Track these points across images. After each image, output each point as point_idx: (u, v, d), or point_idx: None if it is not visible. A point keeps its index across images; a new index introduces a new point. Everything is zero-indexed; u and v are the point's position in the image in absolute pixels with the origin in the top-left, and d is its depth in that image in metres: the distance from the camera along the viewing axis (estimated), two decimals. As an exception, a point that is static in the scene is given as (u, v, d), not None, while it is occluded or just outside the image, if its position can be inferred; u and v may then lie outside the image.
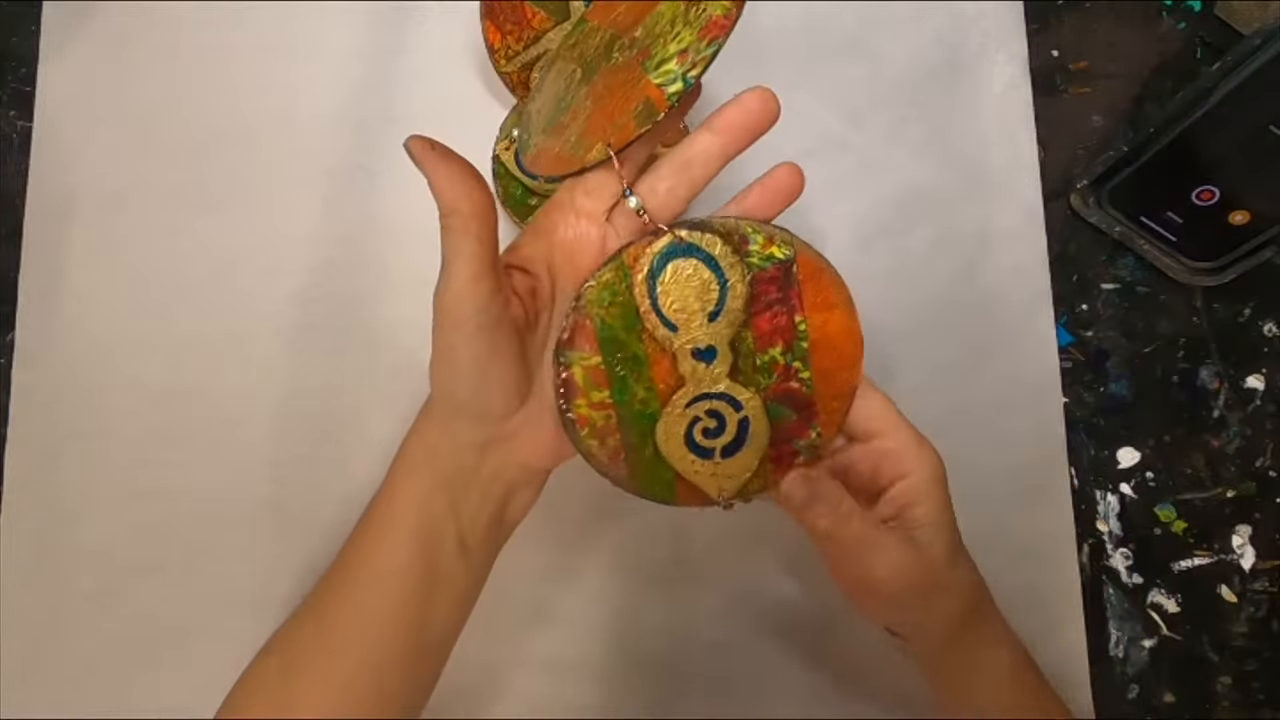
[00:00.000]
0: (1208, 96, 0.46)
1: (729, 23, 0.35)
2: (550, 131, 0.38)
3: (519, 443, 0.37)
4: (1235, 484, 0.52)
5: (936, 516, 0.38)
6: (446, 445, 0.37)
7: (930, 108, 0.54)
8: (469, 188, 0.34)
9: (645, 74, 0.36)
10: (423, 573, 0.36)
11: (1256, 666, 0.51)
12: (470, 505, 0.37)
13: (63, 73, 0.53)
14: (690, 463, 0.38)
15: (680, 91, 0.35)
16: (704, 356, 0.37)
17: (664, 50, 0.36)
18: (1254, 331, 0.53)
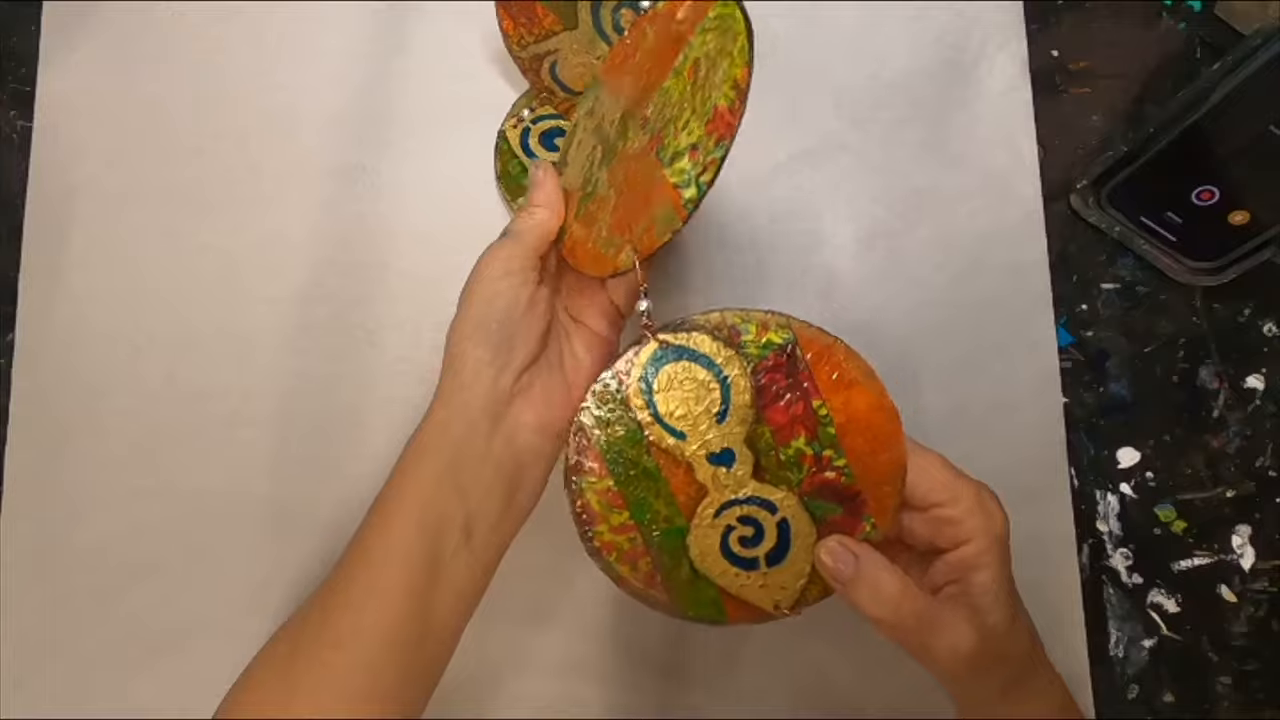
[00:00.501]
0: (1208, 96, 0.46)
1: (734, 119, 0.34)
2: (582, 219, 0.39)
3: (533, 397, 0.38)
4: (1235, 484, 0.52)
5: (999, 582, 0.36)
6: (458, 416, 0.37)
7: (930, 108, 0.54)
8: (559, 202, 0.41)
9: (661, 166, 0.36)
10: (427, 559, 0.36)
11: (1256, 666, 0.51)
12: (480, 483, 0.37)
13: (63, 73, 0.53)
14: (734, 577, 0.35)
15: (695, 199, 0.34)
16: (721, 460, 0.35)
17: (675, 141, 0.36)
18: (1254, 331, 0.53)
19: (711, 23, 0.36)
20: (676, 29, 0.37)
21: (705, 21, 0.36)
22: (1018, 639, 0.37)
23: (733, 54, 0.34)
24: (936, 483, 0.36)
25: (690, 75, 0.36)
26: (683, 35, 0.37)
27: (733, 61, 0.34)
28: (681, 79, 0.37)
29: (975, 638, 0.35)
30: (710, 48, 0.36)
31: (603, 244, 0.37)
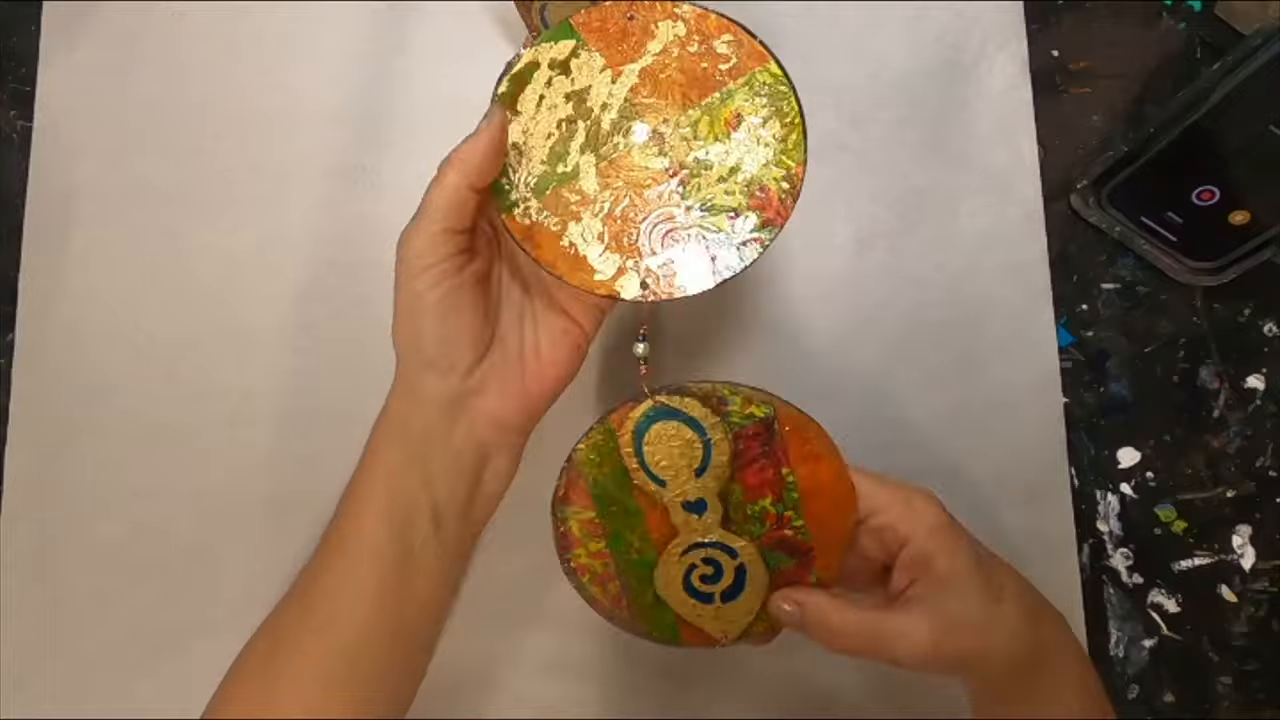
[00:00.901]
0: (1208, 96, 0.46)
1: (786, 211, 0.37)
2: (549, 201, 0.38)
3: (488, 395, 0.37)
4: (1235, 484, 0.52)
5: (953, 569, 0.37)
6: (415, 411, 0.37)
7: (930, 108, 0.54)
8: (486, 165, 0.36)
9: (684, 204, 0.37)
10: (397, 550, 0.36)
11: (1256, 666, 0.51)
12: (445, 474, 0.37)
13: (63, 73, 0.53)
14: (691, 607, 0.39)
15: (734, 268, 0.37)
16: (695, 508, 0.38)
17: (711, 192, 0.38)
18: (1254, 331, 0.53)
19: (761, 86, 0.37)
20: (714, 65, 0.38)
21: (752, 78, 0.37)
22: (1003, 619, 0.37)
23: (786, 144, 0.37)
24: (863, 495, 0.38)
25: (729, 126, 0.37)
26: (722, 77, 0.38)
27: (786, 152, 0.37)
28: (716, 121, 0.38)
29: (931, 633, 0.36)
30: (757, 113, 0.37)
31: (589, 251, 0.37)
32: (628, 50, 0.38)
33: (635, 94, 0.38)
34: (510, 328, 0.39)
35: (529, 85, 0.38)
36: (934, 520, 0.37)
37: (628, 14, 0.38)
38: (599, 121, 0.38)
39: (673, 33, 0.38)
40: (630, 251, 0.37)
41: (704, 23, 0.38)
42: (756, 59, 0.38)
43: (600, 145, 0.38)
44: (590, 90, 0.38)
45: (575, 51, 0.38)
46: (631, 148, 0.38)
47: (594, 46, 0.38)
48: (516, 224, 0.38)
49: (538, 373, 0.39)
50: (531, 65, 0.38)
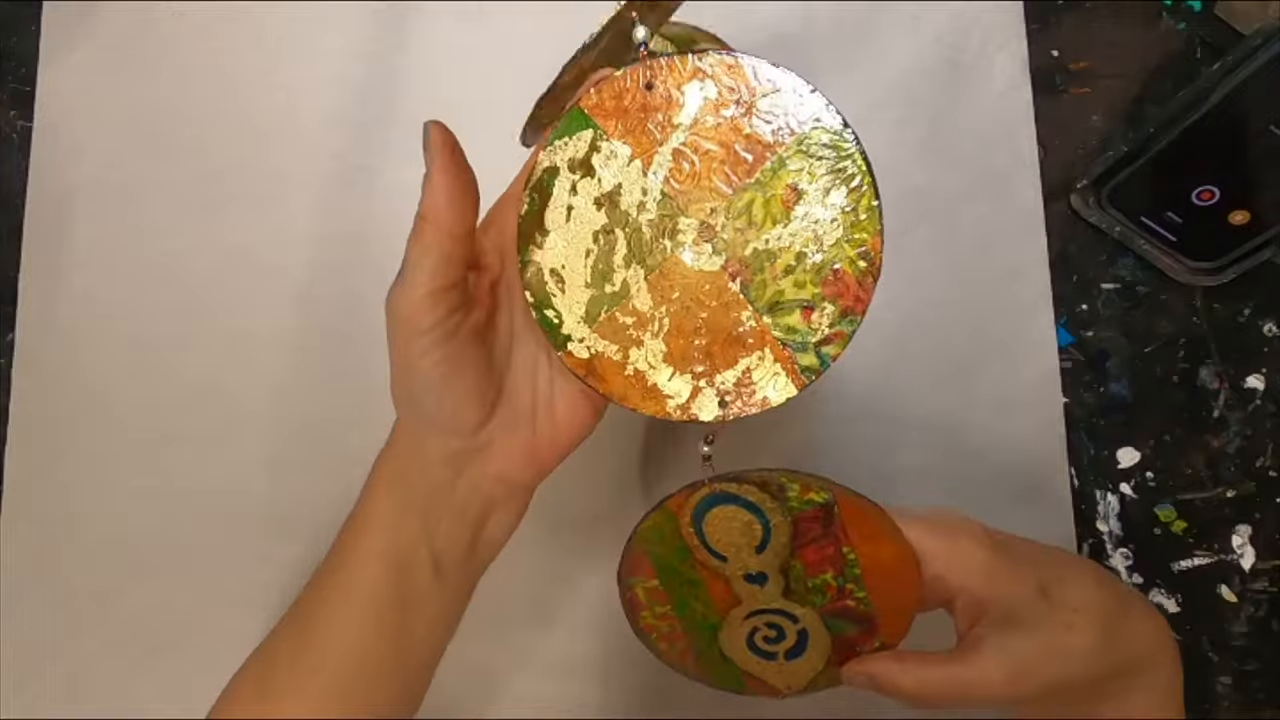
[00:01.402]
0: (1208, 96, 0.46)
1: (866, 295, 0.33)
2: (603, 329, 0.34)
3: (493, 453, 0.36)
4: (1235, 484, 0.52)
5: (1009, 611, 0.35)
6: (415, 465, 0.36)
7: (930, 108, 0.54)
8: (460, 205, 0.32)
9: (750, 306, 0.33)
10: (395, 597, 0.35)
11: (1256, 666, 0.51)
12: (445, 527, 0.36)
13: (63, 73, 0.53)
14: (756, 664, 0.39)
15: (817, 369, 0.33)
16: (756, 580, 0.37)
17: (776, 287, 0.33)
18: (1254, 331, 0.53)
19: (817, 147, 0.32)
20: (756, 129, 0.33)
21: (804, 137, 0.32)
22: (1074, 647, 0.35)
23: (857, 214, 0.33)
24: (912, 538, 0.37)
25: (786, 201, 0.32)
26: (769, 145, 0.32)
27: (858, 225, 0.33)
28: (771, 200, 0.32)
29: (1006, 676, 0.34)
30: (817, 181, 0.32)
31: (657, 376, 0.34)
32: (654, 129, 0.33)
33: (672, 183, 0.33)
34: (521, 381, 0.36)
35: (552, 197, 0.33)
36: (981, 564, 0.35)
37: (644, 82, 0.33)
38: (638, 226, 0.33)
39: (702, 96, 0.32)
40: (701, 370, 0.33)
41: (736, 75, 0.33)
42: (808, 111, 0.33)
43: (646, 254, 0.33)
44: (621, 189, 0.33)
45: (595, 144, 0.33)
46: (680, 249, 0.33)
47: (614, 134, 0.33)
48: (575, 360, 0.34)
49: (551, 433, 0.36)
50: (550, 172, 0.33)
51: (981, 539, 0.36)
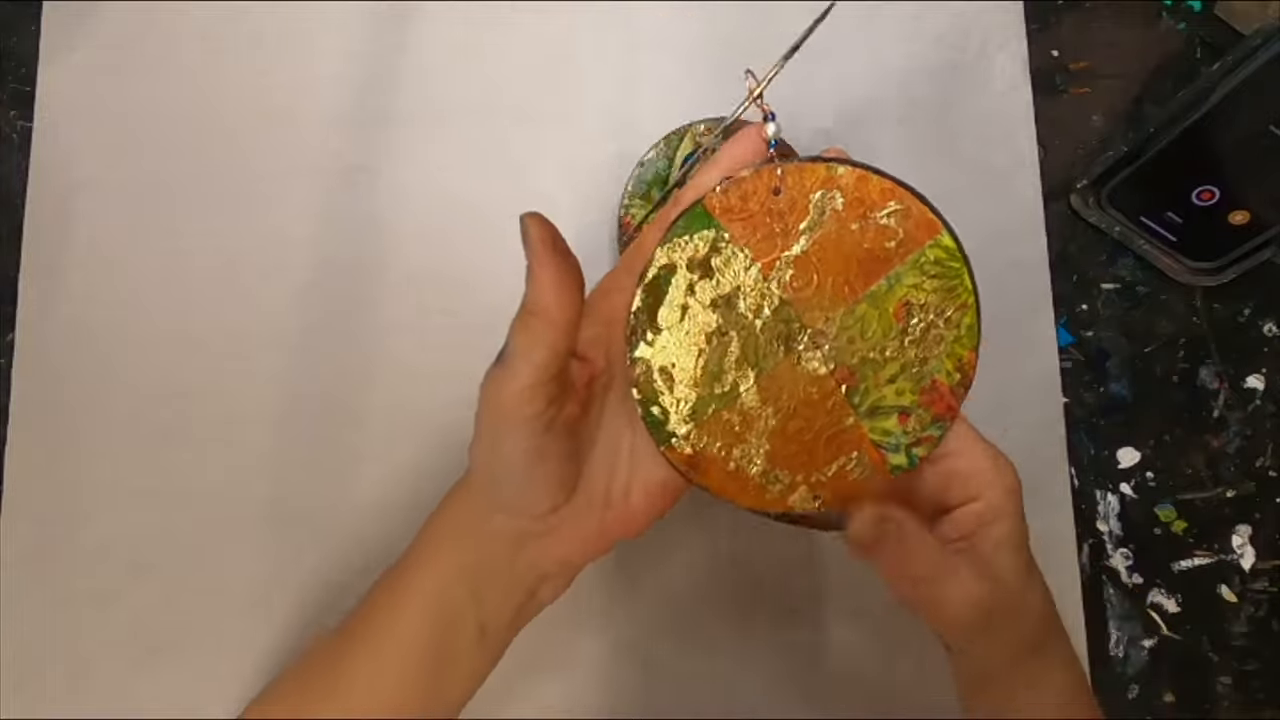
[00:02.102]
0: (1208, 96, 0.46)
1: (956, 403, 0.34)
2: (711, 427, 0.34)
3: (558, 538, 0.35)
4: (1235, 484, 0.52)
5: (1013, 536, 0.35)
6: (476, 535, 0.35)
7: (930, 108, 0.54)
8: (567, 296, 0.31)
9: (853, 412, 0.34)
10: (436, 655, 0.35)
11: (1256, 666, 0.51)
12: (495, 596, 0.36)
13: (63, 73, 0.53)
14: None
15: (905, 468, 0.34)
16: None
17: (879, 393, 0.34)
18: (1254, 331, 0.53)
19: (931, 265, 0.34)
20: (878, 242, 0.33)
21: (921, 255, 0.34)
22: (1032, 595, 0.36)
23: (959, 330, 0.34)
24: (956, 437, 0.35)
25: (898, 318, 0.34)
26: (888, 257, 0.33)
27: (958, 339, 0.34)
28: (884, 314, 0.34)
29: (985, 589, 0.34)
30: (928, 298, 0.34)
31: (758, 472, 0.34)
32: (777, 236, 0.33)
33: (790, 290, 0.33)
34: (600, 466, 0.35)
35: (667, 295, 0.33)
36: (1012, 484, 0.35)
37: (773, 186, 0.33)
38: (753, 329, 0.33)
39: (829, 207, 0.33)
40: (800, 467, 0.34)
41: (865, 189, 0.33)
42: (926, 230, 0.34)
43: (759, 358, 0.34)
44: (739, 293, 0.33)
45: (715, 245, 0.33)
46: (793, 355, 0.34)
47: (737, 238, 0.33)
48: (677, 455, 0.34)
49: (621, 520, 0.36)
50: (667, 269, 0.33)
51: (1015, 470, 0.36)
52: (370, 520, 0.50)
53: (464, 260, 0.52)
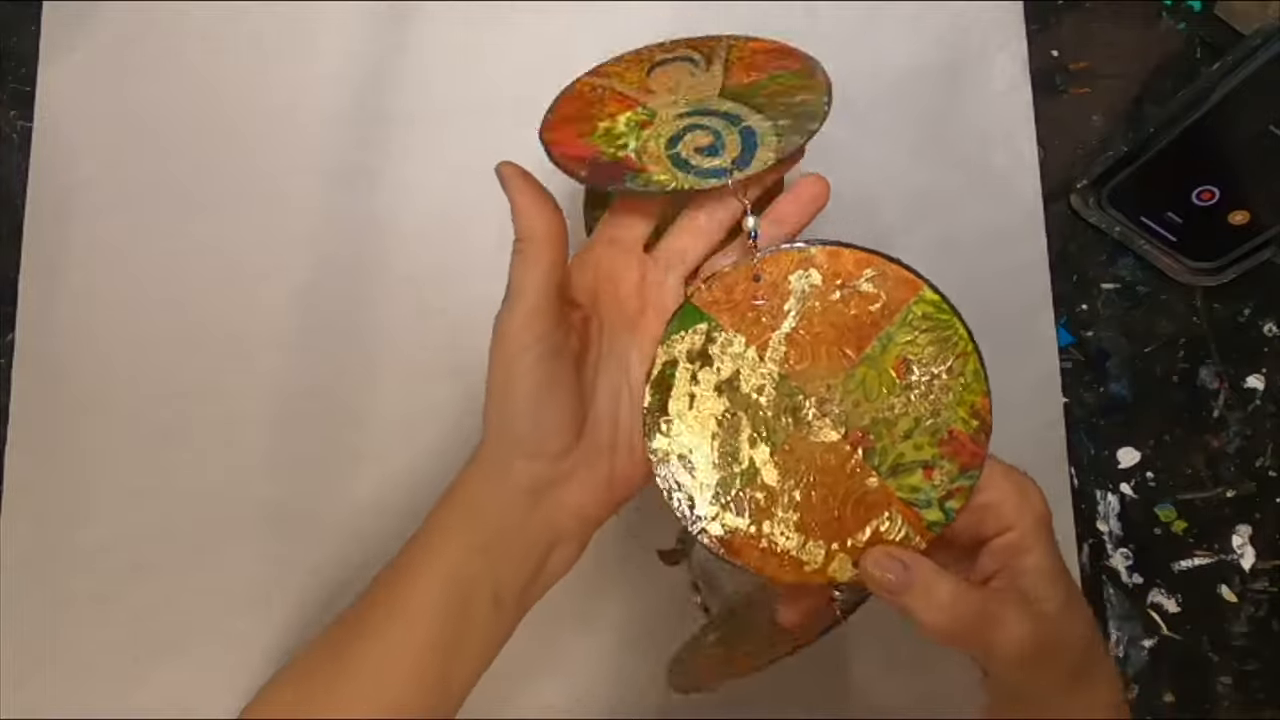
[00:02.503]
0: (1208, 96, 0.46)
1: (980, 449, 0.35)
2: (733, 505, 0.35)
3: (573, 485, 0.36)
4: (1235, 484, 0.52)
5: (1048, 564, 0.35)
6: (495, 496, 0.36)
7: (930, 108, 0.54)
8: (547, 214, 0.34)
9: (875, 473, 0.35)
10: (453, 629, 0.36)
11: (1256, 666, 0.51)
12: (511, 562, 0.36)
13: (63, 73, 0.53)
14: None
15: (942, 522, 0.35)
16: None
17: (896, 451, 0.35)
18: (1254, 331, 0.53)
19: (920, 320, 0.35)
20: (863, 308, 0.35)
21: (908, 313, 0.35)
22: (1075, 623, 0.35)
23: (965, 378, 0.35)
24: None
25: (899, 374, 0.35)
26: (876, 320, 0.35)
27: (967, 387, 0.35)
28: (883, 373, 0.35)
29: (1031, 626, 0.34)
30: (924, 352, 0.35)
31: (791, 545, 0.35)
32: (765, 318, 0.35)
33: (788, 365, 0.35)
34: (604, 412, 0.37)
35: (674, 387, 0.35)
36: (1041, 511, 0.35)
37: (753, 274, 0.35)
38: (759, 407, 0.35)
39: (807, 284, 0.35)
40: (833, 535, 0.35)
41: (838, 262, 0.35)
42: (907, 288, 0.35)
43: (770, 433, 0.35)
44: (740, 375, 0.35)
45: (710, 336, 0.35)
46: (802, 425, 0.35)
47: (727, 325, 0.35)
48: (711, 537, 0.35)
49: (628, 468, 0.37)
50: (669, 364, 0.35)
51: (1042, 494, 0.36)
52: (370, 520, 0.50)
53: (464, 260, 0.52)
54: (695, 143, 0.36)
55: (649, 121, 0.37)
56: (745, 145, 0.36)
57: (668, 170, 0.36)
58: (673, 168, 0.36)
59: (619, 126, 0.37)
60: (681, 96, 0.38)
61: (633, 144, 0.37)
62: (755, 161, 0.35)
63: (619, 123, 0.37)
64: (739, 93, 0.37)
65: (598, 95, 0.38)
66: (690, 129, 0.37)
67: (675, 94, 0.38)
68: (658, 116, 0.37)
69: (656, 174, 0.35)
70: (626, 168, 0.36)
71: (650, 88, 0.38)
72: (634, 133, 0.37)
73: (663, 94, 0.38)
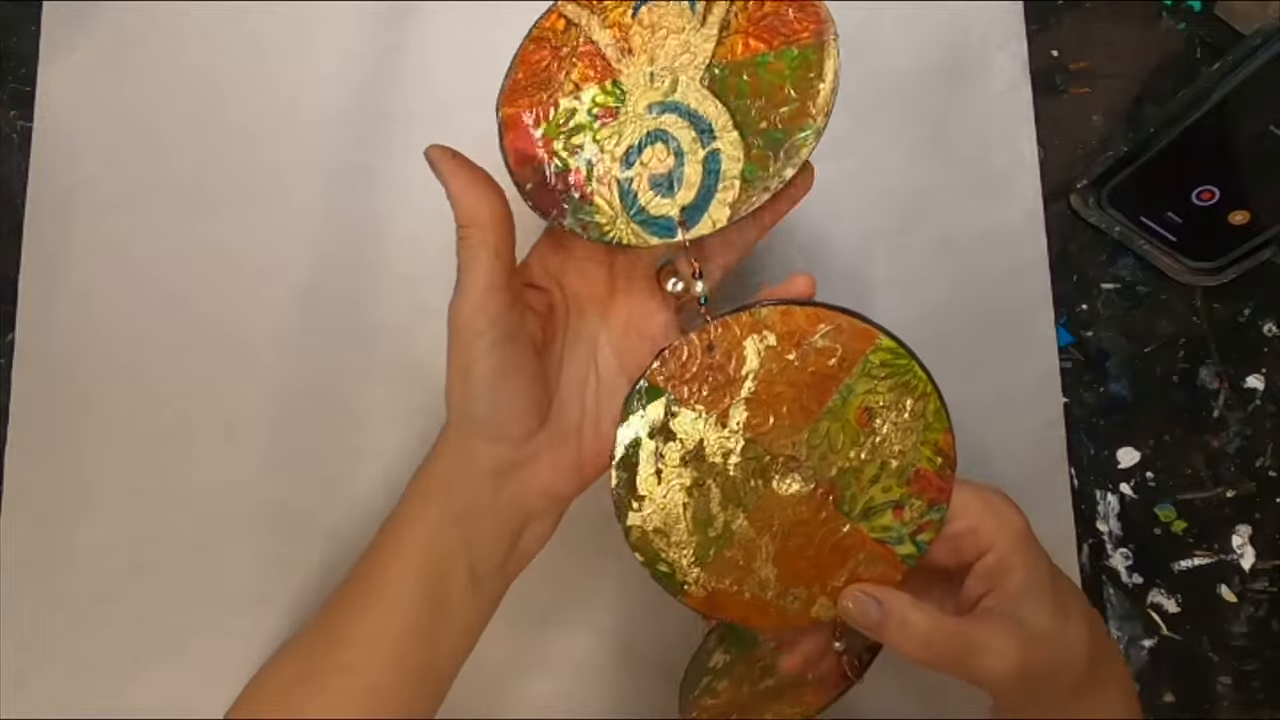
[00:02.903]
0: (1208, 96, 0.46)
1: (946, 484, 0.35)
2: (714, 568, 0.36)
3: (539, 467, 0.36)
4: (1235, 484, 0.52)
5: (1033, 582, 0.35)
6: (462, 475, 0.36)
7: (930, 108, 0.54)
8: (486, 197, 0.33)
9: (846, 519, 0.35)
10: (431, 605, 0.36)
11: (1256, 666, 0.51)
12: (484, 539, 0.36)
13: (63, 73, 0.53)
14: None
15: (916, 555, 0.35)
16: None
17: (865, 496, 0.35)
18: (1254, 331, 0.53)
19: (878, 369, 0.35)
20: (821, 364, 0.35)
21: (865, 363, 0.35)
22: (1071, 638, 0.35)
23: (926, 418, 0.35)
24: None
25: (860, 422, 0.35)
26: (834, 374, 0.35)
27: (929, 427, 0.35)
28: (847, 424, 0.35)
29: (1017, 648, 0.34)
30: (885, 398, 0.35)
31: (774, 595, 0.36)
32: (723, 386, 0.35)
33: (751, 429, 0.35)
34: (571, 394, 0.37)
35: (639, 466, 0.35)
36: (1018, 528, 0.35)
37: (705, 346, 0.35)
38: (726, 473, 0.35)
39: (763, 346, 0.35)
40: (813, 580, 0.36)
41: (791, 321, 0.35)
42: (862, 339, 0.35)
43: (740, 496, 0.35)
44: (704, 445, 0.35)
45: (669, 410, 0.35)
46: (771, 484, 0.35)
47: (686, 398, 0.35)
48: (694, 600, 0.36)
49: (595, 447, 0.37)
50: (633, 445, 0.35)
51: (1015, 507, 0.36)
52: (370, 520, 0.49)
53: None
54: (653, 164, 0.35)
55: (614, 110, 0.35)
56: (705, 181, 0.34)
57: (612, 206, 0.34)
58: (619, 203, 0.34)
59: (580, 113, 0.35)
60: (660, 66, 0.35)
61: (588, 150, 0.35)
62: (705, 220, 0.34)
63: (582, 106, 0.35)
64: (724, 78, 0.35)
65: (570, 42, 0.36)
66: (654, 136, 0.35)
67: (654, 60, 0.35)
68: (626, 103, 0.35)
69: (600, 209, 0.34)
70: (572, 188, 0.35)
71: (630, 40, 0.35)
72: (593, 129, 0.35)
73: (641, 55, 0.35)
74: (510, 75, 0.37)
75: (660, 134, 0.35)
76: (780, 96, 0.34)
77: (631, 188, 0.35)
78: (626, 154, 0.35)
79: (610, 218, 0.35)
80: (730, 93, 0.35)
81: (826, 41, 0.34)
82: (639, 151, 0.35)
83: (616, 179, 0.35)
